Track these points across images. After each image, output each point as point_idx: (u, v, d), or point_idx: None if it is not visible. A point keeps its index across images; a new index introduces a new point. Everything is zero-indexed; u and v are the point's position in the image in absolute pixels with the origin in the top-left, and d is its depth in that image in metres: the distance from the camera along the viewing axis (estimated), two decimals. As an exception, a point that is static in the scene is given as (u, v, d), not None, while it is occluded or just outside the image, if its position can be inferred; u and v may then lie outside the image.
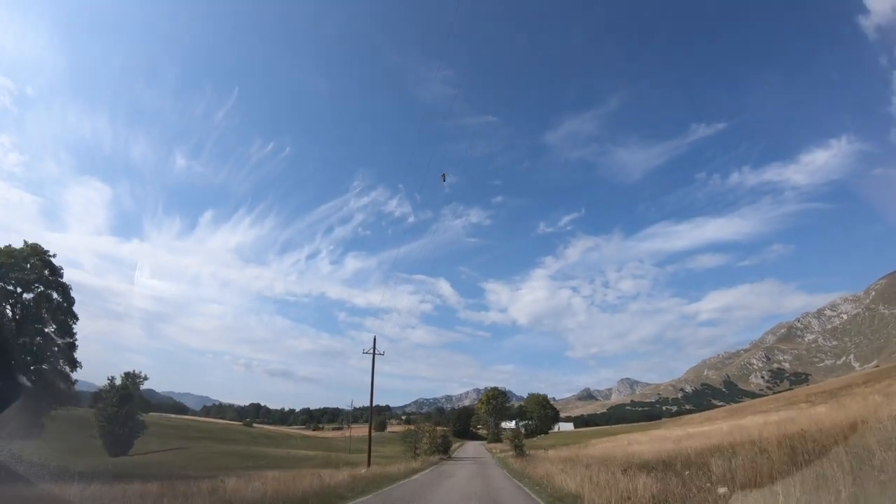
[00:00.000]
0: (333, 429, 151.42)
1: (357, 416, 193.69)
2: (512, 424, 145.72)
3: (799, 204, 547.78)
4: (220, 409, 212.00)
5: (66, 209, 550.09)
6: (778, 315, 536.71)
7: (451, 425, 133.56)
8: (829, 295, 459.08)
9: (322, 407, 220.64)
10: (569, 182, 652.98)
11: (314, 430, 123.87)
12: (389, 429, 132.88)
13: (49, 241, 28.81)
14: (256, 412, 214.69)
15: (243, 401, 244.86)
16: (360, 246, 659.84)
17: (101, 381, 48.48)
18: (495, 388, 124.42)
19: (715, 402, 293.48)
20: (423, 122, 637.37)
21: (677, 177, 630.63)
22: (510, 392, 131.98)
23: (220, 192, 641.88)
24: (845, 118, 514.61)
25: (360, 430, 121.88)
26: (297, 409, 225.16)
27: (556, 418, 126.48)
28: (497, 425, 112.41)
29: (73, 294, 27.81)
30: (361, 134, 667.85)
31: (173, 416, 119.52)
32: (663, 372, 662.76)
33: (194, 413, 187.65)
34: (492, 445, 76.40)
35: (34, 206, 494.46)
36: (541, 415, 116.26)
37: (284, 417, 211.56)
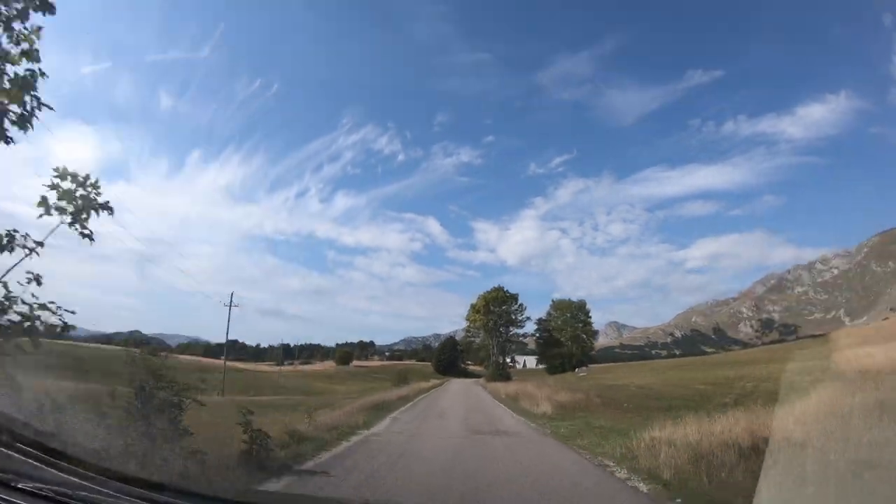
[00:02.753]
0: (301, 362, 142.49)
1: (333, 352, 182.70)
2: (523, 359, 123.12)
3: (792, 157, 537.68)
4: (188, 347, 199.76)
5: (51, 153, 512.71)
6: (765, 267, 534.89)
7: (433, 360, 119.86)
8: (818, 250, 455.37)
9: (306, 342, 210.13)
10: (561, 123, 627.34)
11: (279, 366, 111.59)
12: (360, 363, 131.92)
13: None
14: (232, 347, 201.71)
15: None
16: (349, 184, 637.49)
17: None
18: (499, 289, 79.24)
19: (704, 348, 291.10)
20: (415, 59, 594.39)
21: (671, 122, 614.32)
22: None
23: (208, 131, 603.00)
24: (845, 74, 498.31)
25: (322, 367, 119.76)
26: (276, 345, 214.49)
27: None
28: (503, 351, 78.77)
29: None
30: (351, 70, 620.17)
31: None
32: (650, 317, 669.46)
33: (171, 351, 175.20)
34: (498, 386, 41.39)
35: (17, 152, 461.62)
36: (575, 335, 76.88)
37: (259, 353, 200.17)
